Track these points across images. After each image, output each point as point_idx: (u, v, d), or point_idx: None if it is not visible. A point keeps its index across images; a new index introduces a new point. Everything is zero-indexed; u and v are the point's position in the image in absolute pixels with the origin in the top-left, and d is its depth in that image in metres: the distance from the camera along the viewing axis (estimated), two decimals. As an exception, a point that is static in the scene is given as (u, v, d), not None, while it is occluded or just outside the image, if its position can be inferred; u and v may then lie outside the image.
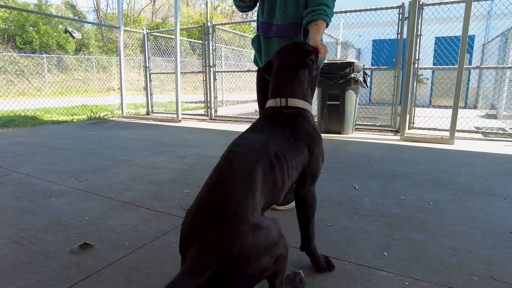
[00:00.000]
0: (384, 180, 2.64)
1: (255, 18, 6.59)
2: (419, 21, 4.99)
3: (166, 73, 8.17)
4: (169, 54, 8.72)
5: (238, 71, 7.00)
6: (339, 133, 4.94)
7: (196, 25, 7.64)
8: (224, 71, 7.01)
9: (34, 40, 17.91)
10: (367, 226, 1.79)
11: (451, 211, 2.00)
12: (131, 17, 27.29)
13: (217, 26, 6.70)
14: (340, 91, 4.80)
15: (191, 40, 13.29)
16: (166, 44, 8.74)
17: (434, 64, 9.56)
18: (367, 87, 4.98)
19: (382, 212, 1.99)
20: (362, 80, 4.85)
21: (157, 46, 8.53)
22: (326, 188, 2.43)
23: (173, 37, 7.40)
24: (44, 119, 6.94)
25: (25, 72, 16.05)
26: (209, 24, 6.53)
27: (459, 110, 4.30)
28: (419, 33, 5.01)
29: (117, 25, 6.95)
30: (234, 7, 2.06)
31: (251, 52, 11.17)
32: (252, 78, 8.93)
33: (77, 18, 22.64)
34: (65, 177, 2.70)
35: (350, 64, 4.71)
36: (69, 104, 9.49)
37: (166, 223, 1.84)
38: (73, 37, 19.41)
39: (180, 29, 6.97)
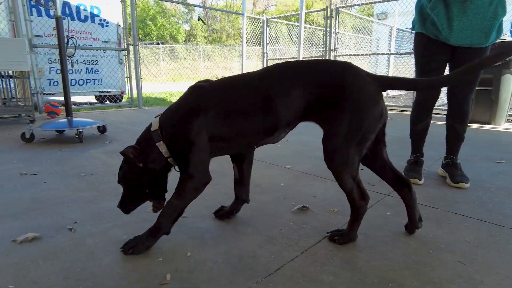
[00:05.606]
0: None
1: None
2: None
3: (284, 58, 8.27)
4: (274, 42, 8.63)
5: (360, 55, 6.72)
6: (488, 123, 4.38)
7: (318, 9, 7.53)
8: (345, 55, 6.77)
9: (152, 32, 19.96)
10: None
11: None
12: (232, 8, 28.46)
13: (340, 10, 6.51)
14: (494, 75, 4.22)
15: (313, 27, 13.03)
16: (275, 31, 8.73)
17: None
18: (529, 70, 4.29)
19: None
20: (523, 62, 4.19)
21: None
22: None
23: (290, 23, 7.44)
24: (172, 101, 7.69)
25: (144, 61, 18.05)
26: (332, 7, 6.38)
27: None
28: None
29: (241, 12, 7.26)
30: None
31: (366, 38, 10.36)
32: (371, 62, 8.57)
33: (206, 6, 24.13)
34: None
35: (510, 44, 4.10)
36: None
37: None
38: (205, 24, 21.04)
39: (290, 15, 6.97)
